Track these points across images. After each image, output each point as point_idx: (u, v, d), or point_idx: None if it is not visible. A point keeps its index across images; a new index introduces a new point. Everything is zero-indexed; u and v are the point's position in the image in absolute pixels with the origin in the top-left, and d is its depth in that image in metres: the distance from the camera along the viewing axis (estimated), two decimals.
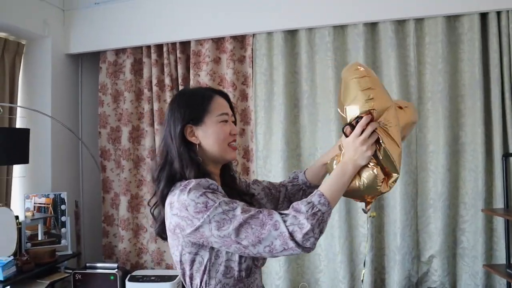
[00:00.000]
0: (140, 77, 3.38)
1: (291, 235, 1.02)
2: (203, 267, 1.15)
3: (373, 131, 1.14)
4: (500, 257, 2.69)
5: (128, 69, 3.35)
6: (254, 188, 1.45)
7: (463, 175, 2.80)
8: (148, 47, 3.30)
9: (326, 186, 1.13)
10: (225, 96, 1.30)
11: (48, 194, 3.11)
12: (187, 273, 1.17)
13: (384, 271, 2.93)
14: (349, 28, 2.93)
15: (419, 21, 2.82)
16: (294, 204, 1.09)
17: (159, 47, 3.29)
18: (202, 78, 3.16)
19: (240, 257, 1.14)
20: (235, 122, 1.31)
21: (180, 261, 1.17)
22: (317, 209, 1.06)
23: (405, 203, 2.79)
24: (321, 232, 1.06)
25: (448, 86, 2.77)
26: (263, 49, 3.08)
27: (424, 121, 2.85)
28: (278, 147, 3.00)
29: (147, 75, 3.30)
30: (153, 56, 3.27)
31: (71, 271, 3.03)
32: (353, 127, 1.16)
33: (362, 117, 1.14)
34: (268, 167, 3.05)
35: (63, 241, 3.10)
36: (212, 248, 1.13)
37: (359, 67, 1.20)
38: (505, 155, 2.58)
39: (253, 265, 1.18)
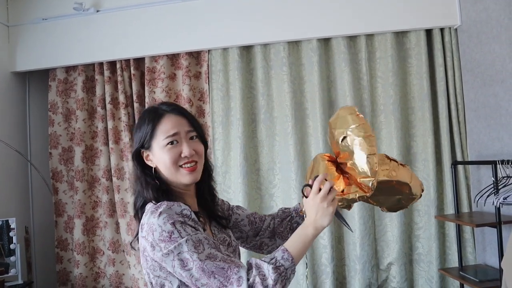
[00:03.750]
0: (93, 94, 3.28)
1: None
2: None
3: (331, 188, 1.14)
4: (453, 261, 2.81)
5: (80, 86, 3.23)
6: (238, 213, 1.43)
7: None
8: (101, 64, 3.21)
9: (290, 242, 1.12)
10: (179, 113, 1.24)
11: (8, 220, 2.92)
12: None
13: (345, 281, 2.98)
14: (303, 43, 3.00)
15: (369, 36, 2.94)
16: (258, 261, 1.07)
17: (112, 63, 3.20)
18: (157, 95, 3.12)
19: None
20: (202, 137, 1.26)
21: (151, 283, 1.16)
22: (280, 264, 1.06)
23: (363, 212, 2.87)
24: (284, 287, 1.05)
25: (399, 98, 2.89)
26: (219, 64, 3.08)
27: (378, 133, 2.94)
28: (237, 162, 2.99)
29: (100, 92, 3.20)
30: (106, 73, 3.18)
31: None
32: (310, 186, 1.16)
33: (317, 176, 1.16)
34: (228, 182, 3.04)
35: (12, 271, 2.92)
36: None
37: (358, 114, 1.24)
38: (454, 163, 2.72)
39: None
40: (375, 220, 2.95)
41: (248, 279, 1.03)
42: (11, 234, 2.94)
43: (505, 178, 2.16)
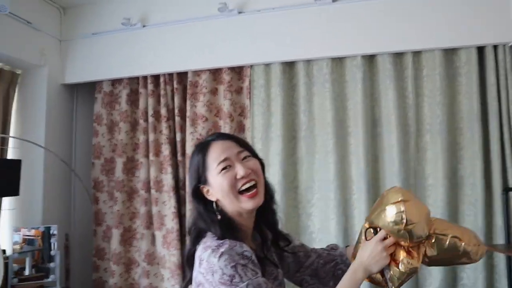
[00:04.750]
0: (136, 107, 3.35)
1: None
2: None
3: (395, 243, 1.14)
4: None
5: (124, 99, 3.32)
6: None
7: (462, 209, 2.76)
8: (145, 77, 3.28)
9: (341, 287, 1.12)
10: (225, 137, 1.22)
11: (38, 227, 3.01)
12: None
13: None
14: (347, 60, 2.94)
15: (416, 54, 2.84)
16: None
17: (156, 77, 3.27)
18: (199, 109, 3.14)
19: None
20: (255, 155, 1.23)
21: None
22: None
23: None
24: None
25: (447, 118, 2.76)
26: (261, 80, 3.07)
27: (423, 154, 2.82)
28: (275, 180, 2.94)
29: (143, 105, 3.27)
30: (150, 86, 3.25)
31: None
32: (376, 231, 1.17)
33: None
34: None
35: (51, 276, 2.98)
36: None
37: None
38: (506, 190, 2.55)
39: None
40: None
41: None
42: (52, 240, 3.02)
43: None
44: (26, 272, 2.91)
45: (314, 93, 2.98)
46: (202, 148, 1.20)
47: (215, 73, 3.18)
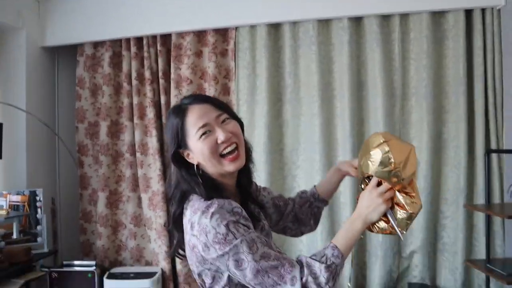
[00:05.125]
0: (119, 70, 3.28)
1: None
2: (223, 282, 1.13)
3: (391, 188, 1.13)
4: (480, 253, 2.71)
5: (107, 62, 3.25)
6: (264, 195, 1.41)
7: (445, 171, 2.81)
8: (128, 40, 3.20)
9: (338, 238, 1.11)
10: (202, 101, 1.19)
11: (23, 191, 3.00)
12: (207, 284, 1.15)
13: (365, 267, 2.93)
14: (333, 22, 2.90)
15: (404, 16, 2.81)
16: (308, 259, 1.06)
17: (139, 40, 3.19)
18: (183, 71, 3.09)
19: None
20: (234, 117, 1.21)
21: (199, 274, 1.16)
22: (331, 262, 1.05)
23: None
24: (334, 285, 1.05)
25: (432, 82, 2.77)
26: (246, 42, 3.02)
27: (408, 117, 2.85)
28: (260, 142, 2.95)
29: (126, 68, 3.20)
30: (133, 49, 3.17)
31: (47, 269, 2.94)
32: (369, 179, 1.16)
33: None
34: None
35: (39, 239, 3.00)
36: None
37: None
38: (487, 152, 2.59)
39: None
40: None
41: (301, 278, 1.02)
42: (38, 204, 3.02)
43: None
44: (14, 236, 2.92)
45: (300, 55, 2.95)
46: (179, 112, 1.17)
47: (200, 35, 3.12)
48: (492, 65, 2.68)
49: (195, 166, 1.17)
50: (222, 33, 3.09)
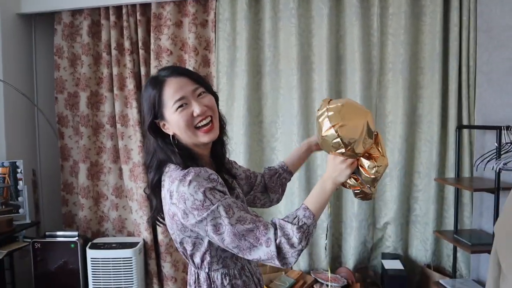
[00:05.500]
0: (98, 40, 3.23)
1: (279, 253, 1.07)
2: (203, 249, 1.21)
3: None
4: (449, 224, 2.83)
5: (86, 31, 3.19)
6: (236, 168, 1.50)
7: (418, 146, 2.89)
8: (106, 8, 3.13)
9: (309, 200, 1.16)
10: (180, 74, 1.21)
11: (3, 163, 3.00)
12: (188, 251, 1.23)
13: (341, 237, 3.04)
14: None
15: None
16: (281, 221, 1.11)
17: (118, 8, 3.13)
18: (163, 42, 3.06)
19: None
20: (210, 90, 1.25)
21: (180, 242, 1.23)
22: (303, 223, 1.10)
23: None
24: (307, 244, 1.10)
25: (409, 57, 2.80)
26: (227, 13, 3.00)
27: (384, 92, 2.89)
28: (240, 114, 2.98)
29: (105, 38, 3.15)
30: (112, 18, 3.11)
31: (30, 240, 2.98)
32: None
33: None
34: (230, 134, 2.98)
35: (20, 210, 3.02)
36: None
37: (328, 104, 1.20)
38: (458, 127, 2.67)
39: None
40: None
41: (275, 239, 1.08)
42: (18, 175, 3.02)
43: (508, 144, 2.11)
44: None
45: (280, 28, 2.94)
46: (157, 84, 1.20)
47: (180, 5, 3.08)
48: (467, 43, 2.72)
49: (171, 136, 1.22)
50: (203, 3, 3.05)
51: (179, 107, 1.17)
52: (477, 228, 2.67)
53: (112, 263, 2.93)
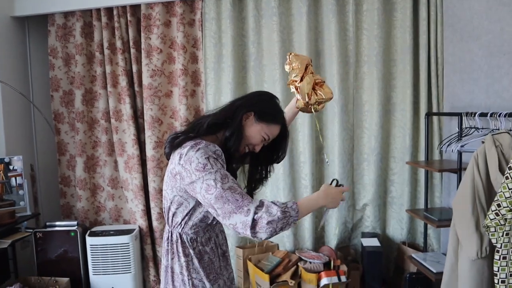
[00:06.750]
0: (91, 40, 3.40)
1: (253, 225, 1.22)
2: (187, 210, 1.43)
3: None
4: (422, 204, 3.07)
5: (78, 32, 3.35)
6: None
7: (393, 132, 3.13)
8: (98, 10, 3.30)
9: (302, 201, 1.35)
10: (284, 129, 1.53)
11: (4, 158, 3.15)
12: (172, 210, 1.46)
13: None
14: None
15: None
16: (270, 202, 1.28)
17: (109, 10, 3.30)
18: (153, 41, 3.24)
19: None
20: (268, 140, 1.51)
21: (170, 199, 1.44)
22: (288, 210, 1.27)
23: (343, 157, 3.10)
24: (281, 229, 1.26)
25: (383, 50, 3.03)
26: (212, 13, 3.18)
27: (361, 83, 3.11)
28: None
29: (98, 38, 3.32)
30: (103, 19, 3.28)
31: (31, 230, 3.15)
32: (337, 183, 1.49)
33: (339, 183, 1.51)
34: None
35: (21, 203, 3.17)
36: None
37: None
38: (427, 114, 2.90)
39: None
40: (354, 164, 3.18)
41: (255, 213, 1.23)
42: (18, 170, 3.18)
43: (467, 129, 2.34)
44: None
45: (263, 25, 3.14)
46: (278, 115, 1.50)
47: (168, 5, 3.26)
48: (435, 35, 2.95)
49: (241, 126, 1.46)
50: (190, 4, 3.24)
51: (263, 138, 1.48)
52: (445, 206, 2.91)
53: (110, 249, 3.12)
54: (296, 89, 1.71)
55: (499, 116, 2.02)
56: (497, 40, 2.27)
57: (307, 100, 1.69)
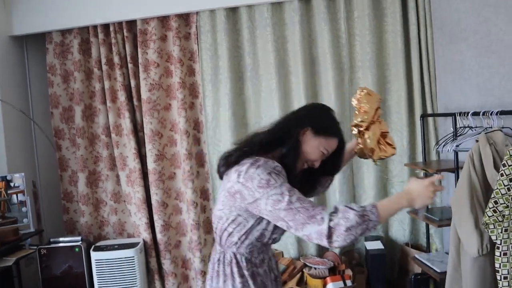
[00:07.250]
0: (89, 56, 3.45)
1: (329, 233, 1.18)
2: (245, 229, 1.38)
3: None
4: None
5: (76, 49, 3.40)
6: None
7: (390, 135, 3.15)
8: (95, 26, 3.36)
9: (381, 202, 1.29)
10: (342, 143, 1.49)
11: (6, 176, 3.18)
12: (229, 230, 1.39)
13: None
14: (285, 4, 3.16)
15: None
16: (346, 207, 1.24)
17: (106, 26, 3.35)
18: (150, 55, 3.29)
19: (274, 228, 1.38)
20: (327, 154, 1.47)
21: (223, 217, 1.39)
22: (367, 214, 1.21)
23: None
24: (360, 235, 1.20)
25: (375, 55, 3.09)
26: (207, 25, 3.24)
27: (356, 88, 3.13)
28: (226, 118, 3.23)
29: (95, 54, 3.37)
30: (100, 35, 3.34)
31: (35, 247, 3.16)
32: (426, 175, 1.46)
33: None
34: (218, 136, 3.29)
35: (24, 220, 3.19)
36: (259, 217, 1.35)
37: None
38: (422, 116, 2.95)
39: (279, 237, 1.45)
40: (353, 169, 3.22)
41: (330, 220, 1.19)
42: (21, 187, 3.20)
43: (461, 128, 2.39)
44: None
45: (257, 36, 3.21)
46: (336, 130, 1.47)
47: (163, 20, 3.31)
48: (425, 38, 3.02)
49: (298, 143, 1.43)
50: (185, 18, 3.30)
51: (322, 152, 1.44)
52: (446, 206, 2.95)
53: (116, 263, 3.14)
54: (359, 133, 1.65)
55: (491, 114, 2.06)
56: (484, 41, 2.33)
57: (370, 155, 1.63)
